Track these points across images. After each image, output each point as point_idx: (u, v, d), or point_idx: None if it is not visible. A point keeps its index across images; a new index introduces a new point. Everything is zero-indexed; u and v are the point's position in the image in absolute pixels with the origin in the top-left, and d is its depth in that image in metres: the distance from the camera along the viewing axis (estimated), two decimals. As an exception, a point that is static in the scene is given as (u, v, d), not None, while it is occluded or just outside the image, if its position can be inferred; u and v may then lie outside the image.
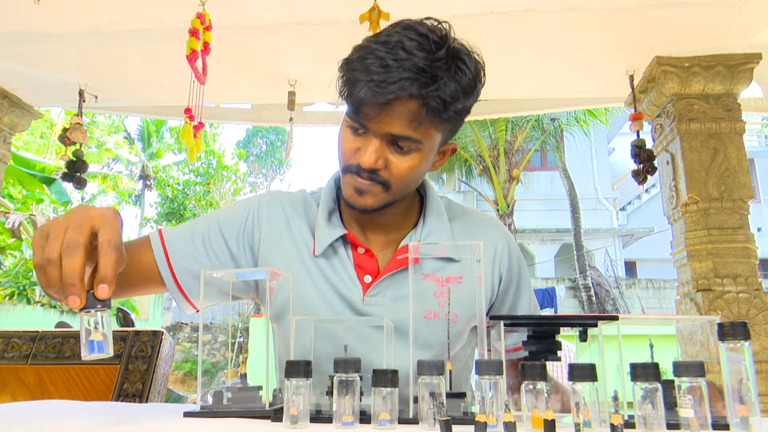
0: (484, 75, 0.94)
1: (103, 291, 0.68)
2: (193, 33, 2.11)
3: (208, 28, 2.15)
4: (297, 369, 0.69)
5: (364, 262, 1.06)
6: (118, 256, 0.70)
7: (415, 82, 0.85)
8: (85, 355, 0.66)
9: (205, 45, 2.13)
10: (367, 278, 1.04)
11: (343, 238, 1.06)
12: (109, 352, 0.68)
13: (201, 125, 2.25)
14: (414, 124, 0.90)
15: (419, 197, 1.14)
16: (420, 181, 1.04)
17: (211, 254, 1.07)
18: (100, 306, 0.69)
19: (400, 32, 0.88)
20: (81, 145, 3.22)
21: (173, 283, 1.05)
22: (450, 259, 1.07)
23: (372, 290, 1.03)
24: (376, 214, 1.03)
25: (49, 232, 0.71)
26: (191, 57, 2.09)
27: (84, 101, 3.19)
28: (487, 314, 1.10)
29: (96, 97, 3.25)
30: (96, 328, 0.68)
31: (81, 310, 0.68)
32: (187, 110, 2.22)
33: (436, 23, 0.91)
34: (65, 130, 3.19)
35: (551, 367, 0.76)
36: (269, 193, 1.16)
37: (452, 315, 1.04)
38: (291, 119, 3.24)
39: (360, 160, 0.93)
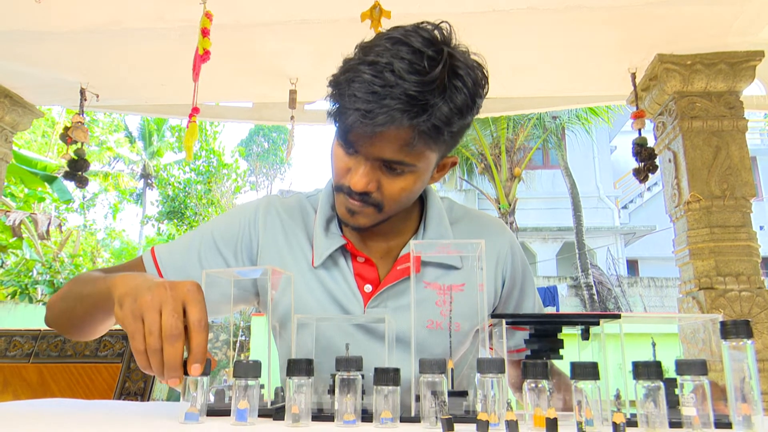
0: (487, 83, 0.89)
1: (196, 370, 0.70)
2: (204, 33, 2.11)
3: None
4: (299, 367, 0.69)
5: (364, 272, 1.04)
6: (207, 334, 0.72)
7: (405, 113, 0.80)
8: (233, 421, 0.69)
9: (205, 43, 2.13)
10: (368, 288, 1.03)
11: (343, 248, 1.04)
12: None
13: (197, 110, 2.24)
14: (406, 149, 0.85)
15: (420, 201, 1.12)
16: (415, 198, 1.01)
17: (210, 262, 1.05)
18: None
19: (391, 48, 0.82)
20: (82, 143, 3.22)
21: None
22: (452, 267, 1.05)
23: (373, 301, 1.02)
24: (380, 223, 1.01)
25: (142, 313, 0.71)
26: (204, 57, 2.09)
27: (85, 100, 3.20)
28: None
29: (97, 96, 3.25)
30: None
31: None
32: (196, 109, 2.22)
33: (433, 29, 0.86)
34: (67, 128, 3.19)
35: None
36: (264, 199, 1.13)
37: (455, 324, 1.02)
38: (292, 118, 3.24)
39: (350, 183, 0.91)
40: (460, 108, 0.84)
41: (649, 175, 2.87)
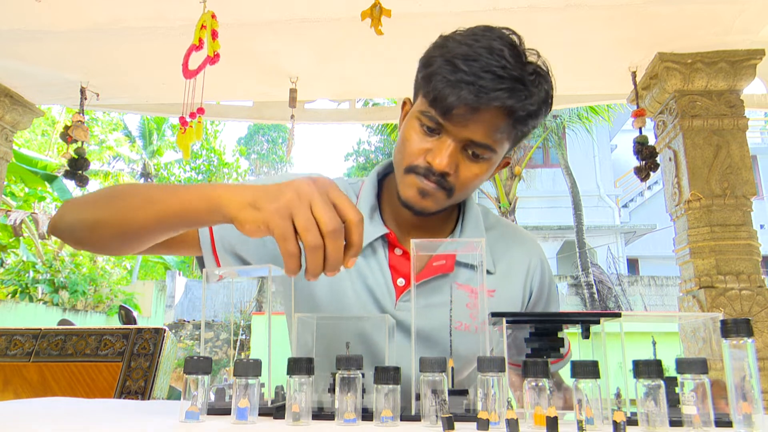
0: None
1: (353, 263, 0.70)
2: (214, 35, 2.12)
3: (204, 27, 2.16)
4: (299, 366, 0.69)
5: (399, 264, 1.03)
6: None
7: (514, 93, 0.84)
8: (234, 420, 0.67)
9: (200, 42, 2.13)
10: (401, 281, 1.02)
11: (383, 237, 1.03)
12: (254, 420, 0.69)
13: (201, 110, 2.25)
14: (496, 134, 0.89)
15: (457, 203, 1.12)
16: (475, 190, 1.02)
17: None
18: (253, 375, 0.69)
19: (489, 36, 0.87)
20: (83, 142, 3.23)
21: (210, 251, 1.01)
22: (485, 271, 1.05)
23: (405, 295, 1.01)
24: (422, 217, 1.01)
25: (291, 212, 0.68)
26: (213, 59, 2.10)
27: (85, 99, 3.20)
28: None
29: (97, 95, 3.25)
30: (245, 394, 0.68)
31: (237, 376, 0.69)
32: (201, 110, 2.22)
33: (510, 33, 0.91)
34: (67, 127, 3.19)
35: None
36: (314, 177, 1.12)
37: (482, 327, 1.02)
38: (292, 116, 3.24)
39: (433, 162, 0.91)
40: (545, 101, 0.91)
41: (650, 173, 2.87)
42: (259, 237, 0.71)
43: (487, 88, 0.83)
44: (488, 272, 1.05)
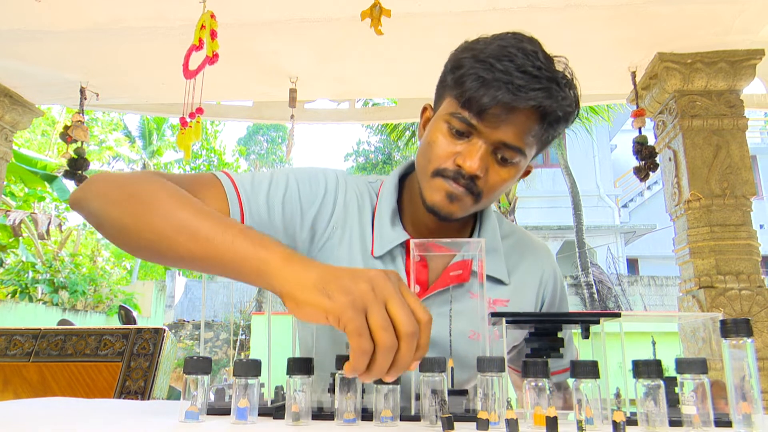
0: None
1: (415, 366, 0.66)
2: (213, 35, 2.12)
3: (204, 27, 2.16)
4: (299, 366, 0.69)
5: (415, 271, 1.01)
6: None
7: (551, 93, 0.84)
8: (233, 420, 0.67)
9: (201, 42, 2.13)
10: (416, 288, 1.00)
11: (401, 243, 1.02)
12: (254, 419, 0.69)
13: (201, 110, 2.25)
14: (527, 136, 0.88)
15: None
16: (500, 196, 1.01)
17: (287, 217, 0.98)
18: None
19: (518, 39, 0.87)
20: (82, 142, 3.22)
21: None
22: (500, 282, 1.04)
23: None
24: (442, 223, 0.99)
25: (366, 307, 0.63)
26: (212, 59, 2.10)
27: (85, 99, 3.20)
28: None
29: (97, 95, 3.25)
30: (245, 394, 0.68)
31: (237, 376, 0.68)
32: (200, 110, 2.22)
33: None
34: (67, 127, 3.19)
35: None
36: (341, 173, 1.08)
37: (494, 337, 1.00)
38: (292, 116, 3.24)
39: (464, 164, 0.89)
40: (574, 104, 0.90)
41: (650, 173, 2.88)
42: (315, 323, 0.66)
43: (525, 88, 0.83)
44: (503, 283, 1.05)
